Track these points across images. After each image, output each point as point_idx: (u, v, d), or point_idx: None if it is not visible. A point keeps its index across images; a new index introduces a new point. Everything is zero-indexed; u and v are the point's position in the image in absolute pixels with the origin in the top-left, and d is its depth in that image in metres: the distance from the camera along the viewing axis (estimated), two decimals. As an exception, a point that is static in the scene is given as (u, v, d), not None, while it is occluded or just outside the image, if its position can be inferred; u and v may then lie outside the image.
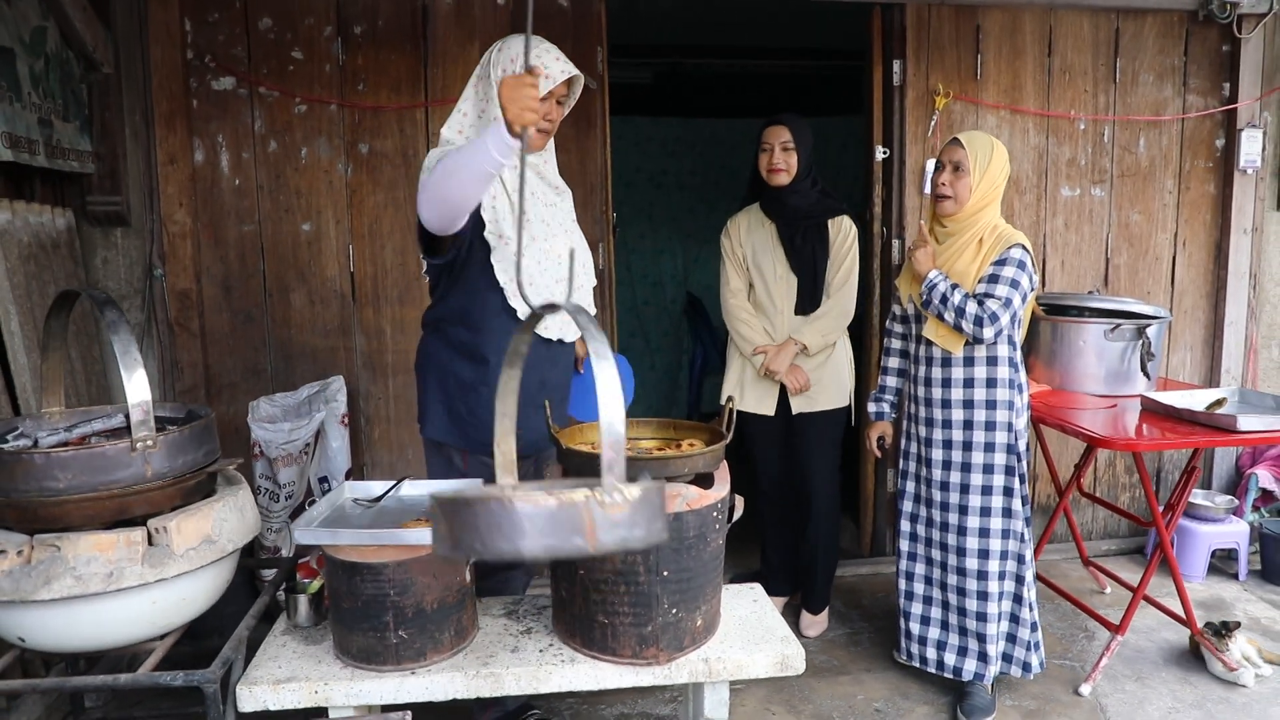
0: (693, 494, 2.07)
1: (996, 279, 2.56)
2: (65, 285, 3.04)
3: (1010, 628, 2.74)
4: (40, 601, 1.84)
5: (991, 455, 2.66)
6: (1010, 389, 2.64)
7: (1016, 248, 2.58)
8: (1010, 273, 2.55)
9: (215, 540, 2.05)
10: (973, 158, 2.61)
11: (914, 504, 2.85)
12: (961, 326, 2.56)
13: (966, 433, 2.67)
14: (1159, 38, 3.89)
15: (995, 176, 2.62)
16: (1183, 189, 4.00)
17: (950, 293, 2.58)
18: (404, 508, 2.31)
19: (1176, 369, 4.06)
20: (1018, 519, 2.68)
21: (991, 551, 2.69)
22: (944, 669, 2.80)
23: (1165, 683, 2.95)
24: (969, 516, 2.69)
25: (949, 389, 2.69)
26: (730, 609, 2.37)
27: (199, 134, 3.34)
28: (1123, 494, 4.11)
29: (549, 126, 2.27)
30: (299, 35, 3.35)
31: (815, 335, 3.07)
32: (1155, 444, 2.69)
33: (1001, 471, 2.66)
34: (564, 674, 2.10)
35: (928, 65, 3.75)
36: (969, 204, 2.63)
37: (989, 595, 2.70)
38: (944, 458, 2.72)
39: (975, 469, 2.67)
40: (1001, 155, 2.64)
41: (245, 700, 2.02)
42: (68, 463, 1.87)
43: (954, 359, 2.66)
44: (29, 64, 2.79)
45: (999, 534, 2.68)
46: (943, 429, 2.72)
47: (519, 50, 2.18)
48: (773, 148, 3.06)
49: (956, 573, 2.74)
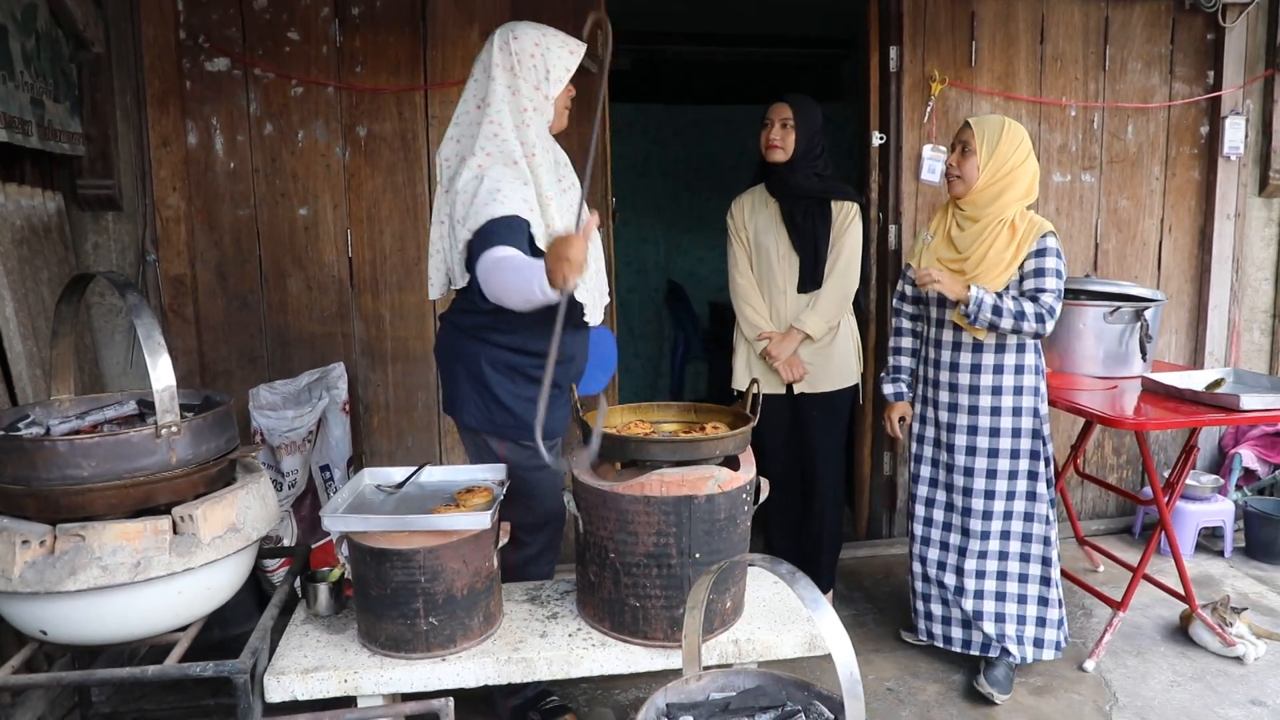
0: (724, 476, 2.07)
1: (1043, 272, 2.58)
2: (56, 271, 2.96)
3: (1039, 610, 2.77)
4: (65, 593, 1.80)
5: (1019, 440, 2.69)
6: (1037, 375, 2.69)
7: (1051, 236, 2.60)
8: (1053, 264, 2.58)
9: (240, 529, 2.01)
10: (979, 137, 2.61)
11: (929, 488, 2.86)
12: (1023, 329, 2.55)
13: (995, 419, 2.69)
14: (1147, 26, 3.95)
15: (1006, 156, 2.59)
16: (1169, 175, 4.08)
17: (1000, 302, 2.54)
18: (425, 494, 2.29)
19: (1162, 351, 4.14)
20: (1042, 502, 2.71)
21: (1014, 534, 2.74)
22: (970, 646, 2.82)
23: (1165, 657, 3.02)
24: (995, 500, 2.72)
25: (978, 375, 2.69)
26: (753, 590, 2.38)
27: (192, 116, 3.26)
28: (1110, 475, 4.19)
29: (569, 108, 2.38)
30: (295, 16, 3.28)
31: (818, 322, 3.08)
32: (1162, 423, 2.74)
33: (1027, 456, 2.70)
34: (595, 658, 2.10)
35: (924, 52, 3.77)
36: (979, 185, 2.62)
37: (1011, 577, 2.75)
38: (969, 443, 2.73)
39: (1003, 454, 2.69)
40: (1014, 137, 2.61)
41: (273, 690, 2.00)
42: (92, 450, 1.82)
43: (985, 345, 2.66)
44: (20, 42, 2.70)
45: (1022, 516, 2.73)
46: (969, 414, 2.72)
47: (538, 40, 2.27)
48: (773, 124, 3.06)
49: (979, 556, 2.76)
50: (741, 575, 2.24)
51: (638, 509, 2.03)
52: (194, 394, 2.26)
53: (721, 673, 1.91)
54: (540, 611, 2.29)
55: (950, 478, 2.79)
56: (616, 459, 2.16)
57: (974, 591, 2.78)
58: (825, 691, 1.83)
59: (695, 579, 2.04)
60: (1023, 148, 2.62)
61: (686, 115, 6.29)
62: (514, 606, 2.31)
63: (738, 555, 2.11)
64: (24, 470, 1.81)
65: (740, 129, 6.30)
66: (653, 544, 2.05)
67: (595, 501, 2.09)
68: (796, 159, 3.05)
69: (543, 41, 2.27)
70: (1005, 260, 2.60)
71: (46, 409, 2.17)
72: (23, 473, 1.81)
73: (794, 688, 1.86)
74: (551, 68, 2.26)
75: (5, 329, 2.63)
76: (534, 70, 2.24)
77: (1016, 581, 2.76)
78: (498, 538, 2.12)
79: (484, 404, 2.30)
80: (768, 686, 1.88)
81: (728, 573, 2.12)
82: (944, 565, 2.84)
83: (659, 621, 2.09)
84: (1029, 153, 2.63)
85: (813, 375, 3.14)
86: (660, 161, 6.33)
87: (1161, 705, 2.74)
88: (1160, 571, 3.41)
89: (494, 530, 2.09)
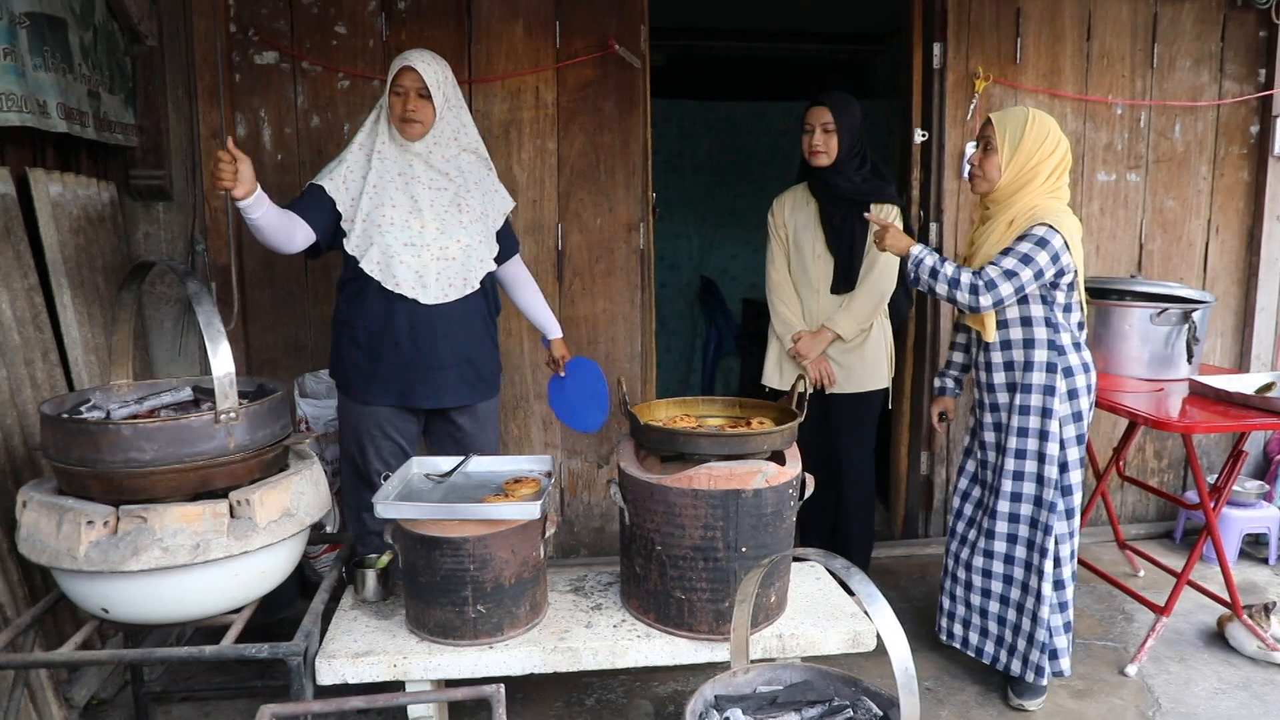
0: (772, 470, 2.08)
1: (1008, 251, 2.46)
2: (110, 259, 3.02)
3: (1029, 625, 2.62)
4: (127, 573, 1.84)
5: (1025, 441, 2.59)
6: (1049, 373, 2.54)
7: (1040, 226, 2.45)
8: (1025, 248, 2.43)
9: (294, 514, 2.05)
10: (1001, 134, 2.53)
11: (969, 483, 2.84)
12: (956, 299, 2.47)
13: (1006, 416, 2.63)
14: (1197, 23, 3.90)
15: (1031, 151, 2.49)
16: (1217, 175, 4.02)
17: (940, 265, 2.48)
18: (473, 483, 2.32)
19: (1207, 354, 4.09)
20: (1045, 509, 2.58)
21: (1019, 539, 2.65)
22: (982, 655, 2.79)
23: (1208, 664, 2.98)
24: (1001, 501, 2.66)
25: (991, 373, 2.66)
26: (795, 586, 2.39)
27: (242, 108, 3.31)
28: (1151, 478, 4.14)
29: (409, 117, 2.51)
30: (343, 10, 3.32)
31: (849, 322, 3.07)
32: (1211, 426, 2.71)
33: (1034, 458, 2.59)
34: (640, 649, 2.11)
35: (968, 48, 3.74)
36: (1002, 183, 2.54)
37: (1014, 583, 2.67)
38: (995, 440, 2.71)
39: (1009, 453, 2.62)
40: (1038, 129, 2.50)
41: (324, 673, 2.03)
42: (154, 434, 1.86)
43: (993, 344, 2.61)
44: (79, 35, 2.76)
45: (1027, 522, 2.63)
46: (990, 412, 2.71)
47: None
48: (814, 129, 3.04)
49: (984, 555, 2.72)
50: (786, 570, 2.24)
51: (685, 502, 2.04)
52: (248, 382, 2.29)
53: (768, 666, 1.92)
54: (585, 602, 2.31)
55: (985, 475, 2.77)
56: (664, 452, 2.17)
57: (981, 590, 2.75)
58: (873, 687, 1.83)
59: (741, 573, 2.06)
60: (1049, 140, 2.50)
61: (720, 111, 6.29)
62: (558, 597, 2.33)
63: (784, 550, 2.12)
64: (88, 452, 1.85)
65: (774, 125, 6.29)
66: (699, 537, 2.06)
67: (642, 494, 2.11)
68: (840, 161, 3.04)
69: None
70: (993, 250, 2.53)
71: (105, 394, 2.22)
72: (88, 455, 1.85)
73: (841, 683, 1.87)
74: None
75: (63, 316, 2.69)
76: None
77: (1018, 589, 2.66)
78: (545, 528, 2.14)
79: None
80: (815, 681, 1.89)
81: (773, 567, 2.13)
82: (960, 560, 2.82)
83: (704, 614, 2.10)
84: (1058, 143, 2.52)
85: (842, 377, 3.13)
86: (693, 157, 6.33)
87: (1206, 712, 2.71)
88: (1203, 577, 3.38)
89: (542, 521, 2.11)
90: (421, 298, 2.53)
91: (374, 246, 2.52)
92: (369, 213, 2.53)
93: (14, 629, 1.96)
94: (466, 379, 2.65)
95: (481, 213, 2.66)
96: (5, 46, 2.34)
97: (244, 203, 2.28)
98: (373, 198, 2.53)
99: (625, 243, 3.60)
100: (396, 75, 2.51)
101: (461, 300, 2.59)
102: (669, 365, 6.41)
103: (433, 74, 2.52)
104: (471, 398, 2.68)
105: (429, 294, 2.54)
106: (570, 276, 3.57)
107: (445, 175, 2.60)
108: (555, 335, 2.95)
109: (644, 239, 3.62)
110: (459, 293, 2.58)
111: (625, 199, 3.59)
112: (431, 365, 2.58)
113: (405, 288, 2.52)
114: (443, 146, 2.60)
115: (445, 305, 2.56)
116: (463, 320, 2.61)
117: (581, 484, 3.73)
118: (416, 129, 2.53)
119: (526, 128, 3.47)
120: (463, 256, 2.59)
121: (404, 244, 2.52)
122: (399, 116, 2.51)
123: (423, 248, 2.53)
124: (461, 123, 2.65)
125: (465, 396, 2.66)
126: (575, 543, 3.77)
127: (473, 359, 2.65)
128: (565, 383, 3.00)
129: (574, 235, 3.56)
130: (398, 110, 2.51)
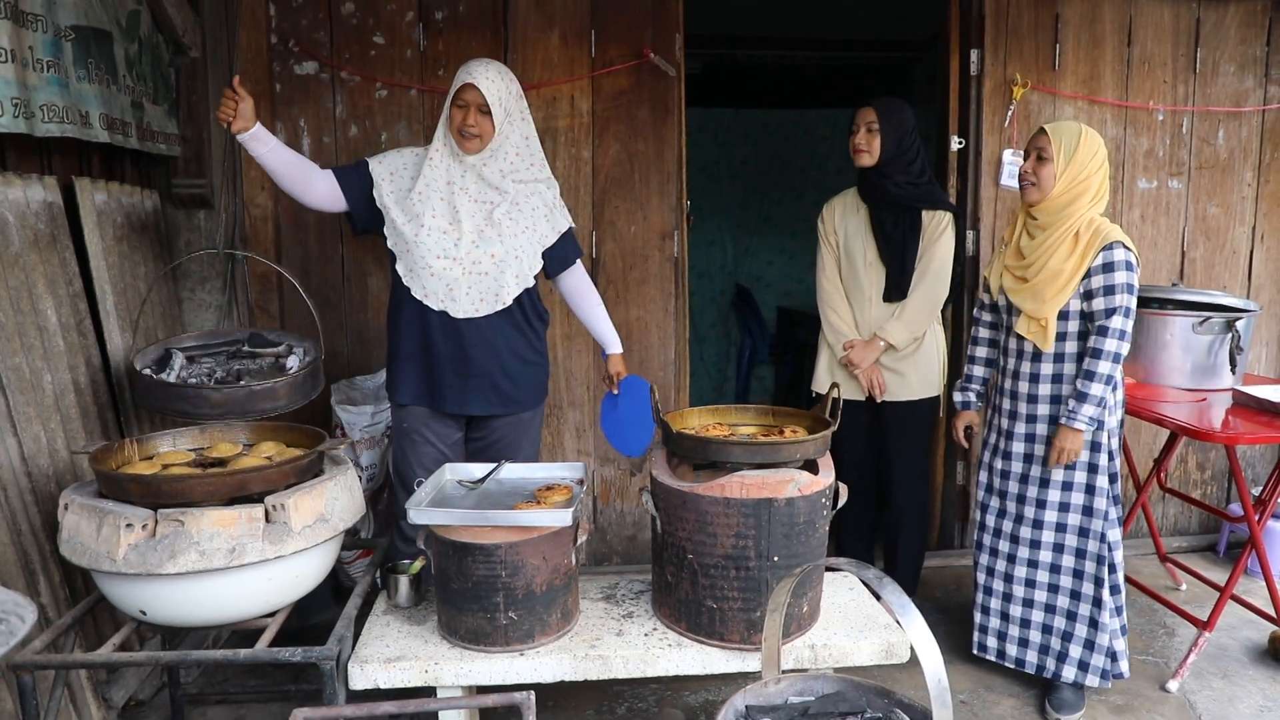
0: (804, 479, 2.06)
1: (1113, 290, 2.46)
2: (152, 267, 3.08)
3: (1088, 632, 2.65)
4: (165, 575, 1.86)
5: None
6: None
7: (1119, 248, 2.48)
8: (1123, 278, 2.46)
9: (328, 519, 2.06)
10: (1056, 144, 2.54)
11: (988, 495, 2.82)
12: (1116, 371, 2.49)
13: (1053, 428, 2.61)
14: (1241, 27, 3.83)
15: (1083, 164, 2.52)
16: (1262, 181, 3.94)
17: (1088, 388, 2.47)
18: (505, 490, 2.32)
19: (1252, 364, 4.00)
20: (1098, 518, 2.61)
21: (1067, 547, 2.66)
22: (1023, 665, 2.77)
23: (1254, 680, 2.91)
24: (1046, 511, 2.65)
25: (1038, 384, 2.63)
26: (828, 596, 2.37)
27: (281, 117, 3.36)
28: (1194, 490, 4.06)
29: (470, 130, 2.48)
30: (381, 20, 3.36)
31: (901, 331, 3.04)
32: (1256, 438, 2.64)
33: (1084, 469, 2.60)
34: (671, 657, 2.11)
35: (1005, 55, 3.70)
36: (1054, 192, 2.56)
37: (1063, 591, 2.67)
38: (1026, 451, 2.69)
39: (1058, 465, 2.60)
40: (1090, 144, 2.54)
41: (357, 678, 2.04)
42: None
43: (1045, 355, 2.60)
44: (124, 47, 2.81)
45: (1075, 531, 2.64)
46: (1027, 423, 2.67)
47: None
48: (858, 128, 3.03)
49: (1028, 564, 2.71)
50: (818, 580, 2.22)
51: (717, 510, 2.03)
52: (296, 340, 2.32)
53: (800, 677, 1.90)
54: (616, 610, 2.30)
55: (1006, 485, 2.75)
56: (696, 460, 2.17)
57: (1023, 600, 2.74)
58: (906, 700, 1.81)
59: (773, 582, 2.04)
60: (1099, 155, 2.55)
61: (755, 119, 6.28)
62: (589, 605, 2.33)
63: (817, 559, 2.10)
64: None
65: (813, 132, 6.27)
66: (731, 546, 2.05)
67: (674, 502, 2.10)
68: (884, 163, 3.02)
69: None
70: (1066, 273, 2.52)
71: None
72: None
73: (874, 695, 1.85)
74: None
75: (106, 322, 2.74)
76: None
77: (1067, 597, 2.67)
78: (576, 535, 2.14)
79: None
80: (847, 692, 1.87)
81: (806, 577, 2.11)
82: (994, 572, 2.81)
83: (735, 623, 2.09)
84: (1104, 159, 2.57)
85: (895, 384, 3.10)
86: (729, 165, 6.32)
87: (1250, 730, 2.65)
88: (1247, 592, 3.30)
89: (574, 528, 2.11)
90: (451, 310, 2.53)
91: (410, 254, 2.54)
92: (411, 218, 2.52)
93: (55, 630, 2.00)
94: (499, 389, 2.62)
95: (528, 226, 2.59)
96: (49, 59, 2.39)
97: (243, 135, 2.38)
98: (417, 203, 2.52)
99: (659, 250, 3.61)
100: (459, 89, 2.48)
101: (495, 314, 2.57)
102: (703, 374, 6.40)
103: (495, 91, 2.47)
104: (504, 408, 2.65)
105: (459, 308, 2.53)
106: (604, 284, 3.57)
107: (496, 190, 2.55)
108: (613, 350, 2.85)
109: (678, 247, 3.62)
110: (490, 308, 2.54)
111: (659, 207, 3.59)
112: (461, 373, 2.57)
113: (433, 300, 2.52)
114: (499, 160, 2.55)
115: (478, 318, 2.55)
116: (497, 332, 2.58)
117: (614, 492, 3.73)
118: (475, 144, 2.50)
119: (561, 136, 3.49)
120: (495, 271, 2.53)
121: (437, 255, 2.50)
122: (457, 129, 2.49)
123: (455, 261, 2.51)
124: (524, 136, 2.59)
125: (496, 407, 2.63)
126: (608, 550, 3.77)
127: (507, 370, 2.61)
128: (619, 401, 2.91)
129: (608, 243, 3.57)
130: (456, 122, 2.48)
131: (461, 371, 2.58)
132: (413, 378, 2.61)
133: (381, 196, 2.56)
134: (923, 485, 3.28)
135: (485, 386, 2.60)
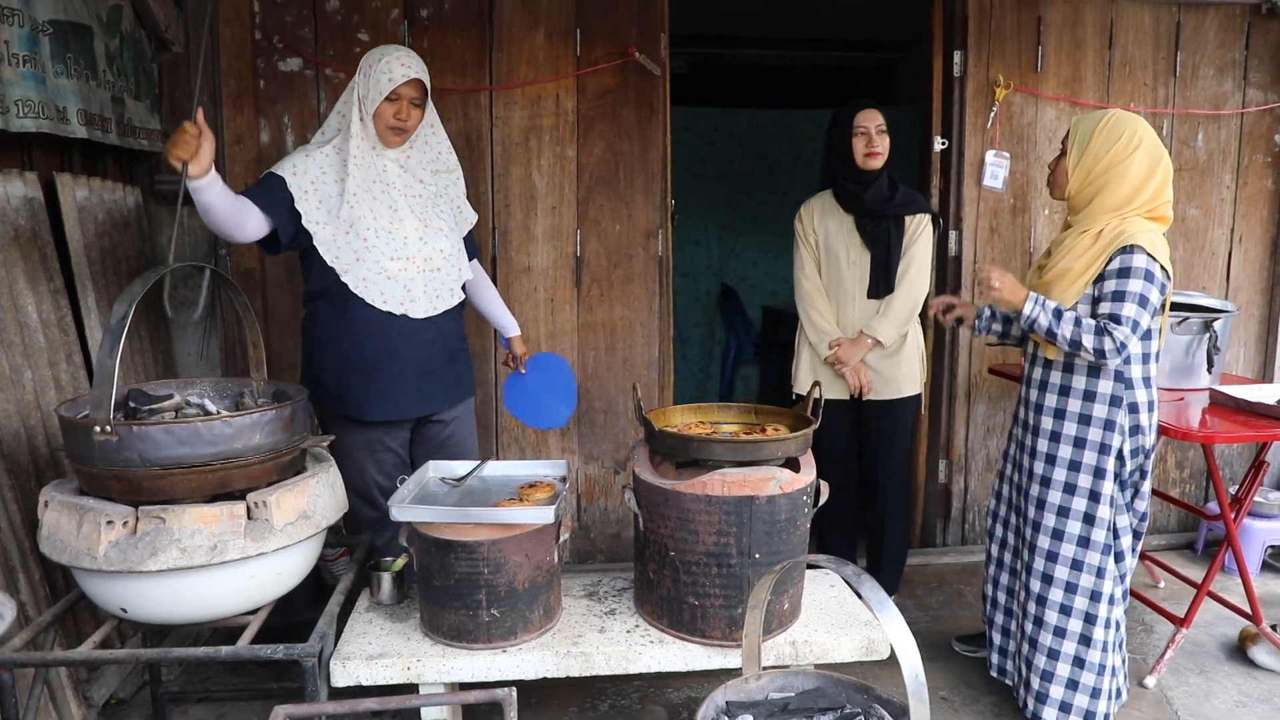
0: (785, 477, 2.07)
1: (1122, 297, 2.22)
2: (134, 264, 3.06)
3: (1071, 672, 2.44)
4: (146, 573, 1.86)
5: (1075, 475, 2.40)
6: (1114, 407, 2.33)
7: (1139, 253, 2.21)
8: (1137, 287, 2.20)
9: (310, 516, 2.06)
10: (1072, 138, 2.38)
11: (999, 504, 2.73)
12: (1082, 357, 2.29)
13: (1052, 445, 2.44)
14: (1220, 31, 3.87)
15: (1098, 155, 2.30)
16: (1240, 184, 3.99)
17: (1056, 325, 2.26)
18: (488, 488, 2.33)
19: (1230, 364, 4.05)
20: (1095, 550, 2.38)
21: (1056, 579, 2.45)
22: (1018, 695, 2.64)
23: (1229, 676, 2.95)
24: (1040, 536, 2.47)
25: (1044, 393, 2.47)
26: (809, 593, 2.38)
27: (265, 115, 3.35)
28: (1172, 489, 4.10)
29: (399, 125, 2.46)
30: (366, 17, 3.36)
31: (889, 328, 3.06)
32: (1232, 436, 2.67)
33: (1084, 496, 2.39)
34: (653, 654, 2.12)
35: (988, 56, 3.73)
36: (1072, 189, 2.39)
37: (1047, 625, 2.47)
38: (1031, 466, 2.52)
39: (1055, 485, 2.43)
40: (1111, 132, 2.30)
41: (339, 675, 2.04)
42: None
43: (1054, 363, 2.43)
44: (105, 42, 2.80)
45: (1068, 562, 2.43)
46: (1032, 435, 2.51)
47: (373, 60, 2.45)
48: (869, 132, 3.01)
49: (1023, 591, 2.58)
50: (800, 577, 2.24)
51: (699, 508, 2.05)
52: (267, 385, 2.32)
53: (780, 673, 1.92)
54: (598, 607, 2.31)
55: (1018, 500, 2.62)
56: (678, 458, 2.18)
57: (1024, 632, 2.57)
58: (885, 695, 1.83)
59: (754, 579, 2.06)
60: (1122, 144, 2.29)
61: (741, 118, 6.29)
62: (572, 602, 2.34)
63: (798, 556, 2.12)
64: (111, 453, 1.88)
65: (797, 131, 6.29)
66: (713, 543, 2.06)
67: (656, 500, 2.11)
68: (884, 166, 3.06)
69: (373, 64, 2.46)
70: (1074, 271, 2.32)
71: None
72: (110, 455, 1.88)
73: (853, 690, 1.86)
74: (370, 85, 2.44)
75: (88, 318, 2.73)
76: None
77: (1050, 633, 2.46)
78: (559, 533, 2.14)
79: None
80: (827, 688, 1.88)
81: (786, 574, 2.13)
82: (1011, 592, 2.70)
83: (717, 620, 2.10)
84: (1137, 148, 2.30)
85: (877, 383, 3.12)
86: (714, 164, 6.34)
87: (1226, 725, 2.69)
88: (1224, 589, 3.34)
89: (556, 525, 2.12)
90: (412, 312, 2.49)
91: (360, 263, 2.42)
92: (351, 224, 2.40)
93: (35, 627, 1.99)
94: (457, 380, 2.68)
95: (455, 220, 2.64)
96: (25, 54, 2.37)
97: (198, 182, 2.14)
98: (354, 207, 2.41)
99: (644, 249, 3.62)
100: (402, 84, 2.40)
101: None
102: (686, 373, 6.42)
103: (427, 81, 2.49)
104: (456, 398, 2.70)
105: (419, 308, 2.49)
106: (588, 283, 3.58)
107: (421, 182, 2.56)
108: (514, 333, 2.94)
109: (662, 246, 3.63)
110: (446, 304, 2.55)
111: (644, 206, 3.60)
112: (423, 372, 2.56)
113: (394, 304, 2.46)
114: (419, 151, 2.55)
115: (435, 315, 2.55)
116: (443, 325, 2.59)
117: (598, 490, 3.74)
118: (404, 137, 2.49)
119: (546, 135, 3.49)
120: (447, 266, 2.55)
121: (390, 257, 2.44)
122: (388, 125, 2.43)
123: (409, 260, 2.47)
124: (429, 124, 2.60)
125: (452, 398, 2.67)
126: (591, 548, 3.78)
127: (454, 361, 2.66)
128: (526, 380, 2.99)
129: (592, 242, 3.58)
130: (387, 118, 2.42)
131: (424, 371, 2.56)
132: (378, 391, 2.51)
133: (309, 213, 2.40)
134: (905, 483, 3.30)
135: (447, 381, 2.63)
